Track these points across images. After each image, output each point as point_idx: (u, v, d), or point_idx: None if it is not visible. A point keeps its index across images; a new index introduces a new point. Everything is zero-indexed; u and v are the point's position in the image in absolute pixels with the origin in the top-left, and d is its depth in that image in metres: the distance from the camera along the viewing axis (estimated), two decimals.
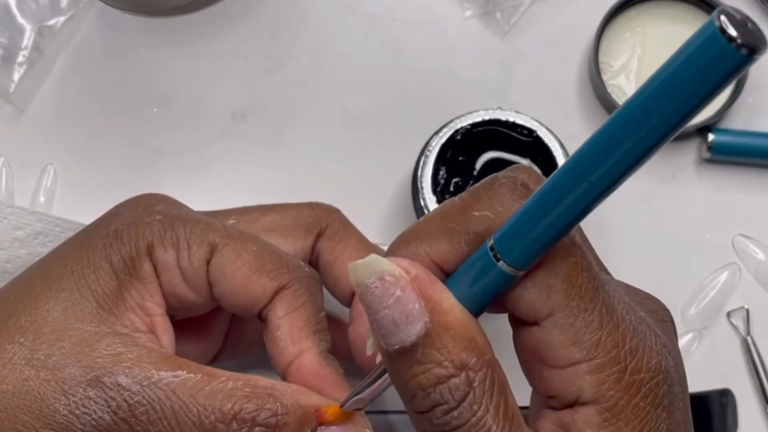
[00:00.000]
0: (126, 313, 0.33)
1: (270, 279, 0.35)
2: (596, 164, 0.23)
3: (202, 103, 0.57)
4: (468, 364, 0.26)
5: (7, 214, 0.42)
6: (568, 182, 0.24)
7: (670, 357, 0.27)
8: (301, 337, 0.35)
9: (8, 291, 0.35)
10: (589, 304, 0.26)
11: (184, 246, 0.35)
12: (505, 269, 0.26)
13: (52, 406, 0.31)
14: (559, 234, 0.25)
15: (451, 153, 0.49)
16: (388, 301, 0.26)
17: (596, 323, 0.26)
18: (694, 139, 0.55)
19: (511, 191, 0.27)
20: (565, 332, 0.26)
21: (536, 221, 0.25)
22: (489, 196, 0.27)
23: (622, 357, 0.26)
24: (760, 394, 0.51)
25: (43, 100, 0.57)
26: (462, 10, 0.58)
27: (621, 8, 0.56)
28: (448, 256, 0.27)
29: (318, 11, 0.58)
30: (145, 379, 0.31)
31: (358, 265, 0.26)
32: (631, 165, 0.22)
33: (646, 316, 0.28)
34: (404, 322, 0.26)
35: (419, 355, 0.26)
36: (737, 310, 0.53)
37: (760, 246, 0.53)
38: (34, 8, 0.57)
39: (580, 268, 0.26)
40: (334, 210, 0.41)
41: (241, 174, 0.56)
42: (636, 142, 0.22)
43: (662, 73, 0.21)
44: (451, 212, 0.28)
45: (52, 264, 0.35)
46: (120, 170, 0.56)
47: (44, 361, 0.31)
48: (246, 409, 0.31)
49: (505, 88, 0.57)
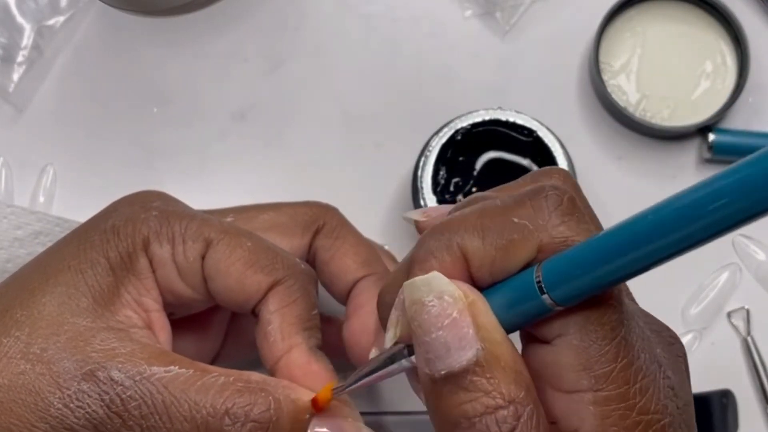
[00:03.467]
0: (122, 309, 0.33)
1: (264, 275, 0.35)
2: (677, 228, 0.22)
3: (202, 103, 0.57)
4: (516, 398, 0.25)
5: (7, 213, 0.42)
6: (641, 238, 0.23)
7: (676, 401, 0.27)
8: (291, 333, 0.35)
9: (6, 286, 0.35)
10: (609, 333, 0.25)
11: (180, 241, 0.35)
12: (548, 303, 0.25)
13: (46, 399, 0.31)
14: (613, 284, 0.24)
15: (451, 153, 0.49)
16: (444, 322, 0.25)
17: (611, 355, 0.25)
18: (695, 139, 0.55)
19: (556, 206, 0.26)
20: (577, 355, 0.25)
21: (593, 267, 0.24)
22: (533, 205, 0.26)
23: (632, 395, 0.25)
24: (761, 394, 0.51)
25: (42, 100, 0.57)
26: (462, 10, 0.58)
27: (621, 8, 0.56)
28: (477, 254, 0.27)
29: (318, 11, 0.58)
30: (137, 374, 0.31)
31: (416, 282, 0.26)
32: (704, 238, 0.22)
33: (661, 353, 0.28)
34: (457, 346, 0.25)
35: (467, 382, 0.25)
36: (738, 311, 0.52)
37: (761, 246, 0.53)
38: (33, 8, 0.57)
39: (608, 294, 0.26)
40: (331, 208, 0.41)
41: (240, 174, 0.56)
42: (716, 220, 0.21)
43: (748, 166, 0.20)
44: (490, 212, 0.27)
45: (49, 259, 0.35)
46: (120, 170, 0.56)
47: (40, 355, 0.31)
48: (238, 404, 0.31)
49: (505, 88, 0.57)
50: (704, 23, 0.56)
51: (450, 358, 0.25)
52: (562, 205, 0.26)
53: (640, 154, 0.55)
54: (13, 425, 0.31)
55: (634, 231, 0.23)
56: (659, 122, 0.54)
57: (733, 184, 0.21)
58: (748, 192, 0.20)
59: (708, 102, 0.55)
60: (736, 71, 0.55)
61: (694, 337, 0.52)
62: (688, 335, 0.52)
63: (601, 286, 0.24)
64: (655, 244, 0.22)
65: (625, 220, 0.23)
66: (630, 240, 0.23)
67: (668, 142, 0.55)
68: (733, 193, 0.21)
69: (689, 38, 0.56)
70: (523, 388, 0.25)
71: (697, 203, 0.22)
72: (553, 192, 0.27)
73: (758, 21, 0.57)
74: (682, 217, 0.22)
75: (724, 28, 0.56)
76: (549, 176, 0.29)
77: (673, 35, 0.56)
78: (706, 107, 0.55)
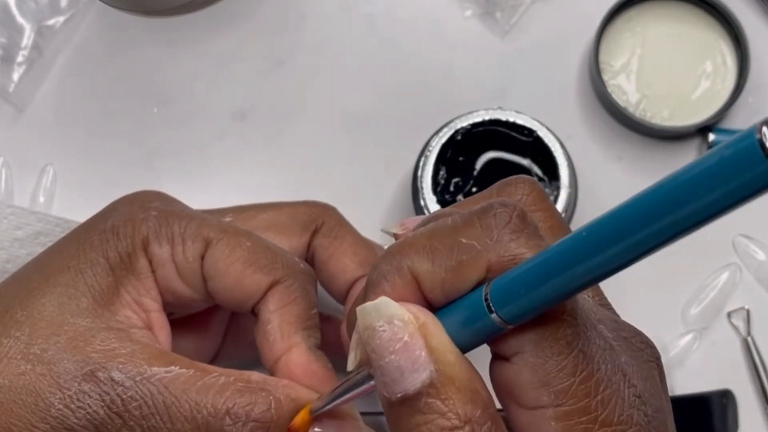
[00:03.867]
0: (121, 309, 0.33)
1: (264, 274, 0.35)
2: (616, 240, 0.21)
3: (202, 103, 0.57)
4: (472, 418, 0.25)
5: (7, 214, 0.42)
6: (580, 252, 0.22)
7: (643, 409, 0.26)
8: (290, 332, 0.35)
9: (5, 286, 0.35)
10: (564, 348, 0.25)
11: (179, 241, 0.35)
12: (498, 322, 0.25)
13: (47, 400, 0.31)
14: (561, 299, 0.24)
15: (451, 153, 0.49)
16: (395, 346, 0.25)
17: (569, 369, 0.25)
18: (695, 139, 0.55)
19: (504, 223, 0.26)
20: (534, 372, 0.25)
21: (538, 284, 0.24)
22: (482, 224, 0.26)
23: (593, 407, 0.25)
24: (761, 394, 0.51)
25: (42, 100, 0.57)
26: (462, 10, 0.58)
27: (621, 8, 0.56)
28: (427, 277, 0.26)
29: (318, 11, 0.58)
30: (137, 375, 0.31)
31: (367, 308, 0.26)
32: (646, 251, 0.21)
33: (627, 362, 0.27)
34: (410, 369, 0.25)
35: (422, 404, 0.25)
36: (738, 311, 0.52)
37: (761, 246, 0.53)
38: (33, 8, 0.57)
39: (561, 309, 0.25)
40: (330, 208, 0.41)
41: (240, 174, 0.56)
42: (656, 232, 0.21)
43: (691, 171, 0.20)
44: (439, 233, 0.27)
45: (49, 260, 0.35)
46: (120, 170, 0.56)
47: (40, 355, 0.31)
48: (239, 404, 0.31)
49: (505, 88, 0.57)
50: (704, 23, 0.56)
51: (404, 381, 0.25)
52: (510, 222, 0.26)
53: (640, 154, 0.55)
54: (13, 426, 0.31)
55: (572, 246, 0.23)
56: (659, 122, 0.54)
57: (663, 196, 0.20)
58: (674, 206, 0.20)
59: (708, 102, 0.55)
60: (736, 71, 0.55)
61: (694, 337, 0.52)
62: (688, 335, 0.52)
63: (547, 302, 0.24)
64: (592, 260, 0.22)
65: (567, 236, 0.23)
66: (569, 256, 0.23)
67: (668, 142, 0.55)
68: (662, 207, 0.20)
69: (689, 38, 0.56)
70: (480, 407, 0.25)
71: (630, 217, 0.21)
72: (502, 209, 0.26)
73: (758, 21, 0.57)
74: (616, 231, 0.21)
75: (724, 28, 0.56)
76: (515, 186, 0.29)
77: (673, 35, 0.56)
78: (706, 107, 0.55)
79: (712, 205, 0.19)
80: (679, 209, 0.20)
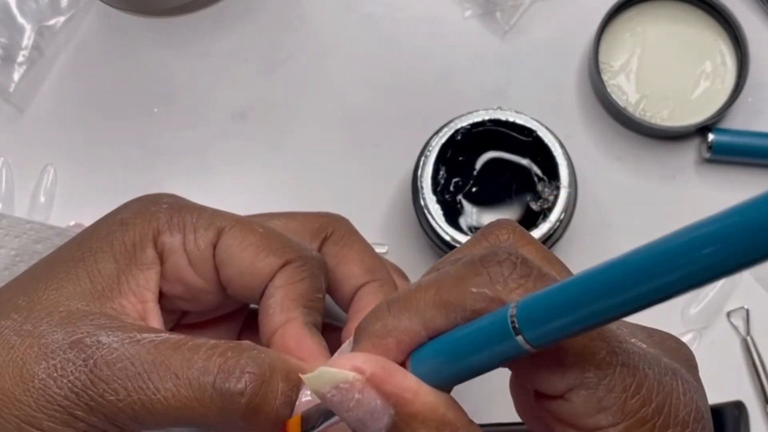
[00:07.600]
0: (118, 298, 0.33)
1: (276, 257, 0.35)
2: (663, 273, 0.21)
3: (202, 103, 0.57)
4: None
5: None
6: (628, 281, 0.22)
7: (702, 401, 0.27)
8: (290, 307, 0.34)
9: (15, 279, 0.35)
10: (607, 370, 0.25)
11: (191, 230, 0.35)
12: (522, 344, 0.24)
13: (32, 370, 0.30)
14: (597, 325, 0.23)
15: (451, 153, 0.49)
16: (349, 405, 0.26)
17: (618, 387, 0.25)
18: (694, 139, 0.55)
19: (511, 270, 0.26)
20: (588, 403, 0.25)
21: (575, 308, 0.23)
22: (489, 272, 0.26)
23: (649, 416, 0.25)
24: (760, 394, 0.51)
25: (42, 100, 0.57)
26: (462, 10, 0.58)
27: (621, 8, 0.56)
28: (441, 329, 0.26)
29: (318, 11, 0.58)
30: (127, 338, 0.31)
31: (311, 379, 0.26)
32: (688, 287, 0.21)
33: (671, 362, 0.28)
34: (370, 419, 0.26)
35: None
36: (737, 310, 0.53)
37: None
38: (34, 8, 0.57)
39: (590, 337, 0.25)
40: (341, 218, 0.41)
41: (241, 174, 0.56)
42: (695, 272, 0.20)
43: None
44: (446, 284, 0.26)
45: (57, 252, 0.35)
46: (120, 170, 0.56)
47: (32, 331, 0.31)
48: (231, 358, 0.31)
49: (505, 88, 0.57)
50: (704, 23, 0.56)
51: (368, 429, 0.26)
52: (517, 269, 0.26)
53: (639, 154, 0.55)
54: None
55: (623, 274, 0.22)
56: (659, 122, 0.54)
57: (723, 230, 0.20)
58: (740, 238, 0.20)
59: (707, 102, 0.55)
60: (736, 71, 0.55)
61: (694, 336, 0.52)
62: (688, 335, 0.52)
63: (584, 327, 0.23)
64: (646, 286, 0.21)
65: (608, 263, 0.22)
66: (618, 283, 0.22)
67: (668, 142, 0.56)
68: (723, 239, 0.20)
69: (689, 38, 0.56)
70: (448, 431, 0.26)
71: (685, 247, 0.21)
72: (507, 257, 0.26)
73: (758, 21, 0.57)
74: (666, 262, 0.21)
75: (724, 28, 0.56)
76: (498, 230, 0.29)
77: (672, 35, 0.56)
78: (705, 107, 0.55)
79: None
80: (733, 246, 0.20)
